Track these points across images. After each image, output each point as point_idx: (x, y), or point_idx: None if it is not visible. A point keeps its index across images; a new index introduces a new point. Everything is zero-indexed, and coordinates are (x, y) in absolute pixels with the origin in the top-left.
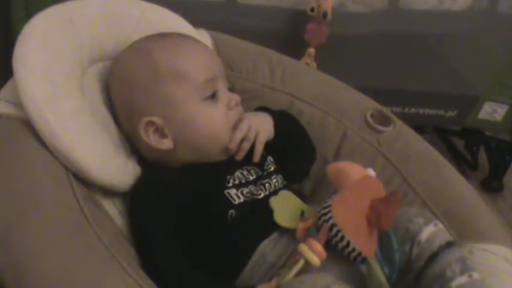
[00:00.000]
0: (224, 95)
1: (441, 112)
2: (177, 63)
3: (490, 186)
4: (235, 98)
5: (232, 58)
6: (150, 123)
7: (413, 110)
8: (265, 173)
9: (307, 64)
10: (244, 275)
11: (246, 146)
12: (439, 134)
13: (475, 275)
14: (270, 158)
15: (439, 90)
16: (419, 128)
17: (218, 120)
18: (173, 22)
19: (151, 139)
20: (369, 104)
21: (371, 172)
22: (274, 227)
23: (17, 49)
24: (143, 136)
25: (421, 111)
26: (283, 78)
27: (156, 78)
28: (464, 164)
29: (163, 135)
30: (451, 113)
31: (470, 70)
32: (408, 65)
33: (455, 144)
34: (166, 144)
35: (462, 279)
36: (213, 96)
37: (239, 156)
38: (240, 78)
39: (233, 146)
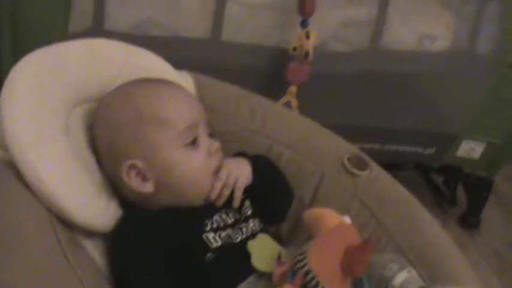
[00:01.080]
0: (204, 141)
1: (420, 149)
2: (159, 110)
3: (467, 221)
4: (216, 144)
5: (213, 100)
6: (132, 166)
7: (392, 147)
8: (242, 217)
9: (289, 102)
10: None
11: (226, 192)
12: (419, 171)
13: None
14: (247, 202)
15: (418, 128)
16: (398, 165)
17: (198, 167)
18: (157, 66)
19: (133, 182)
20: (347, 148)
21: (347, 219)
22: (251, 270)
23: (4, 92)
24: (125, 179)
25: (400, 148)
26: (263, 121)
27: (139, 123)
28: (443, 200)
29: (144, 179)
30: (430, 151)
31: (448, 109)
32: (388, 104)
33: (435, 180)
34: (148, 187)
35: None
36: (194, 142)
37: (219, 203)
38: (220, 120)
39: (214, 195)
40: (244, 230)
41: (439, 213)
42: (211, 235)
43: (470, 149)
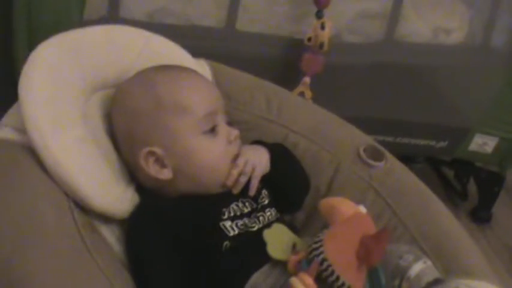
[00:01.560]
0: (224, 129)
1: (432, 143)
2: (179, 97)
3: (478, 216)
4: (235, 132)
5: (230, 89)
6: (151, 153)
7: (405, 140)
8: (259, 206)
9: (302, 93)
10: None
11: (243, 180)
12: (430, 164)
13: None
14: (264, 191)
15: (431, 122)
16: (410, 158)
17: (217, 154)
18: (174, 53)
19: (151, 169)
20: (362, 139)
21: (362, 209)
22: (267, 259)
23: (23, 77)
24: (143, 166)
25: (412, 141)
26: (279, 111)
27: (158, 110)
28: (454, 194)
29: (163, 166)
30: (442, 144)
31: (462, 103)
32: (401, 96)
33: (446, 174)
34: (166, 174)
35: None
36: (213, 130)
37: (236, 191)
38: (236, 109)
39: (231, 182)
40: (261, 219)
41: (450, 207)
42: (228, 223)
43: (483, 143)
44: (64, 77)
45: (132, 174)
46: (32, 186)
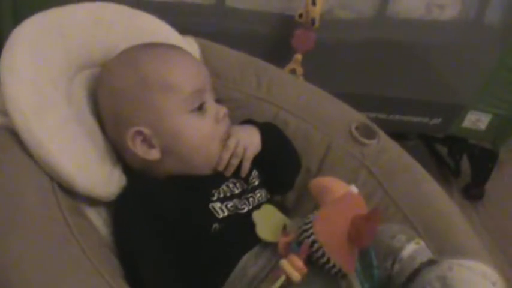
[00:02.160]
0: (212, 106)
1: (426, 120)
2: (165, 75)
3: (471, 193)
4: (223, 110)
5: (219, 66)
6: (138, 133)
7: (397, 117)
8: (249, 187)
9: (294, 70)
10: (227, 287)
11: (235, 163)
12: (423, 141)
13: None
14: (254, 172)
15: (424, 98)
16: (403, 135)
17: (205, 133)
18: (161, 30)
19: (139, 149)
20: (354, 116)
21: (353, 189)
22: (257, 240)
23: (4, 57)
24: (130, 146)
25: (405, 118)
26: (269, 88)
27: (144, 89)
28: (447, 171)
29: (150, 146)
30: (436, 121)
31: (455, 79)
32: (394, 73)
33: (439, 151)
34: (154, 154)
35: None
36: (201, 108)
37: (228, 173)
38: (226, 87)
39: (222, 166)
40: (251, 200)
41: (443, 184)
42: (218, 205)
43: (477, 120)
44: (47, 56)
45: (119, 155)
46: (13, 169)
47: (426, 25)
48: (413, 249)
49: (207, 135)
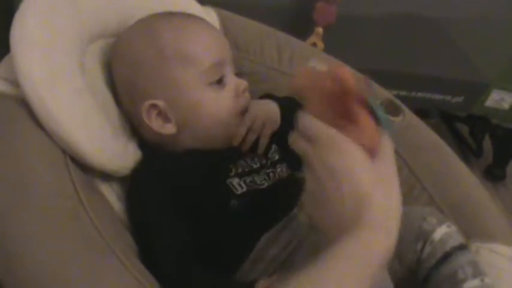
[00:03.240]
0: (232, 80)
1: (448, 98)
2: (183, 46)
3: (492, 174)
4: (243, 83)
5: (239, 38)
6: (153, 106)
7: (420, 94)
8: (269, 162)
9: (314, 44)
10: (245, 269)
11: (251, 138)
12: (444, 120)
13: (487, 280)
14: (274, 146)
15: (447, 76)
16: (424, 113)
17: (224, 107)
18: None
19: (154, 123)
20: (379, 92)
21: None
22: (277, 219)
23: (15, 25)
24: (145, 119)
25: (427, 95)
26: (291, 61)
27: (161, 60)
28: (468, 151)
29: (166, 120)
30: (458, 99)
31: (480, 57)
32: (417, 49)
33: (460, 130)
34: (169, 129)
35: (474, 283)
36: (220, 81)
37: (244, 148)
38: (246, 59)
39: (237, 141)
40: (271, 175)
41: None
42: (235, 181)
43: (500, 99)
44: (59, 25)
45: (134, 129)
46: (25, 142)
47: None
48: (444, 233)
49: (225, 110)
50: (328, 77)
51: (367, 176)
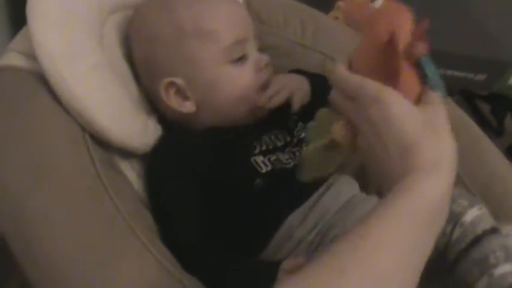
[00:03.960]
0: (253, 56)
1: (470, 75)
2: (203, 22)
3: None
4: (265, 58)
5: (262, 11)
6: (172, 84)
7: (441, 71)
8: (295, 140)
9: (336, 18)
10: (269, 250)
11: (277, 99)
12: (465, 98)
13: None
14: (300, 124)
15: (470, 53)
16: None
17: (245, 82)
18: None
19: (173, 101)
20: None
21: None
22: (304, 198)
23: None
24: (164, 97)
25: (449, 72)
26: (315, 36)
27: (180, 36)
28: (489, 130)
29: (185, 98)
30: (481, 77)
31: (503, 34)
32: (439, 25)
33: (481, 108)
34: (188, 107)
35: (506, 268)
36: (242, 58)
37: (268, 106)
38: (268, 34)
39: (262, 102)
40: (297, 154)
41: None
42: (260, 159)
43: None
44: None
45: (154, 105)
46: (43, 118)
47: None
48: (475, 215)
49: (246, 86)
50: (382, 21)
51: (412, 126)
